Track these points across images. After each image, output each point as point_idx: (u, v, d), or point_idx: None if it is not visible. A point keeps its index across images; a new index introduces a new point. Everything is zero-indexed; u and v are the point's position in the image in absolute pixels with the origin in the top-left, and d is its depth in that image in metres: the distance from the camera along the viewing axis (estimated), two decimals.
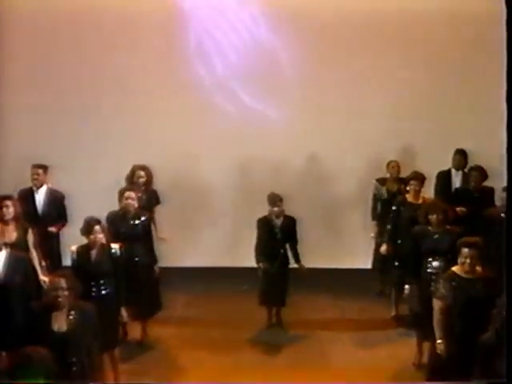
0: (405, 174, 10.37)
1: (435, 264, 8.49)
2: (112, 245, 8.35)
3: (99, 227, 8.25)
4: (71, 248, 8.37)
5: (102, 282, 8.13)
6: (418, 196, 9.80)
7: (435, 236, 8.61)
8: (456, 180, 10.89)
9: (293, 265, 9.93)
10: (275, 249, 9.81)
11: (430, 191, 10.52)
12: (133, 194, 9.29)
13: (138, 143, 11.12)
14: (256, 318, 9.98)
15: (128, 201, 9.21)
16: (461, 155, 10.82)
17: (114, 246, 8.33)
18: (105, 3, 11.02)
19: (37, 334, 6.26)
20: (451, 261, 7.80)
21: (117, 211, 9.26)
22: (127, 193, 9.31)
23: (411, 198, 9.82)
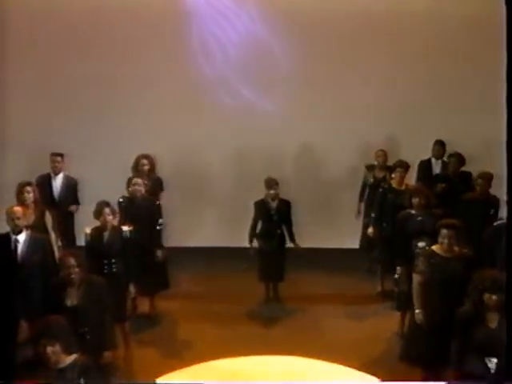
0: (391, 162, 10.38)
1: (420, 245, 8.46)
2: (122, 227, 8.44)
3: (109, 209, 8.35)
4: (85, 230, 8.45)
5: (113, 261, 8.22)
6: (402, 182, 9.82)
7: (419, 218, 8.65)
8: (436, 168, 10.93)
9: (289, 244, 9.95)
10: (272, 229, 9.84)
11: (413, 179, 10.55)
12: (140, 181, 9.33)
13: (144, 134, 11.08)
14: (254, 294, 10.05)
15: (136, 187, 9.26)
16: (440, 145, 10.87)
17: (125, 228, 8.42)
18: (117, 5, 11.05)
19: (53, 307, 6.38)
20: (435, 241, 7.77)
21: (126, 197, 9.29)
22: (135, 179, 9.38)
23: (396, 184, 9.82)
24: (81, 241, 9.07)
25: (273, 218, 9.84)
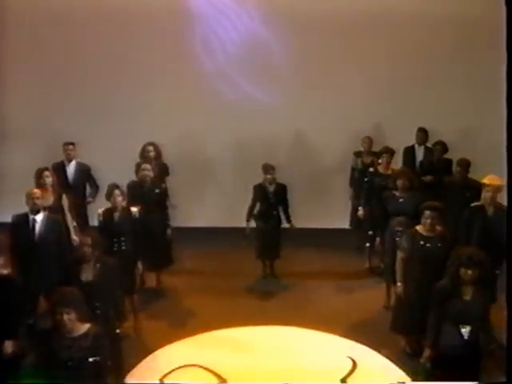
0: (378, 149, 10.37)
1: (399, 223, 8.57)
2: (132, 208, 8.46)
3: (118, 191, 8.39)
4: (98, 211, 8.53)
5: (123, 239, 8.26)
6: (388, 167, 9.83)
7: (400, 200, 8.71)
8: (419, 153, 10.90)
9: (284, 225, 9.98)
10: (269, 211, 9.85)
11: (398, 164, 10.50)
12: (148, 166, 9.37)
13: (151, 123, 11.04)
14: (252, 270, 10.09)
15: (144, 172, 9.29)
16: (423, 133, 10.86)
17: (134, 209, 8.45)
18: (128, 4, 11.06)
19: (69, 282, 6.37)
20: (414, 220, 7.88)
21: (135, 181, 9.33)
22: (144, 165, 9.40)
23: (382, 169, 9.85)
24: (93, 221, 9.15)
25: (270, 201, 9.83)
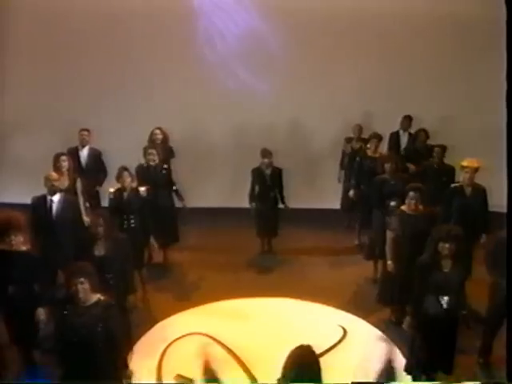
0: (366, 135, 10.40)
1: (392, 203, 8.56)
2: (140, 188, 8.56)
3: (127, 173, 8.49)
4: (109, 190, 8.61)
5: (132, 217, 8.36)
6: (376, 151, 9.88)
7: (392, 182, 8.74)
8: (403, 138, 10.91)
9: (281, 205, 10.00)
10: (266, 192, 9.88)
11: (385, 149, 10.52)
12: (154, 151, 9.41)
13: (158, 111, 11.02)
14: (252, 246, 10.19)
15: (150, 156, 9.34)
16: (407, 120, 10.86)
17: (141, 189, 8.54)
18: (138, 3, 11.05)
19: (83, 257, 6.44)
20: (404, 201, 7.90)
21: (142, 164, 9.38)
22: (150, 150, 9.46)
23: (371, 153, 9.88)
24: (104, 202, 9.22)
25: (267, 183, 9.87)
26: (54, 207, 7.97)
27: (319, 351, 5.24)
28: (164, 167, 9.55)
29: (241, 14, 11.25)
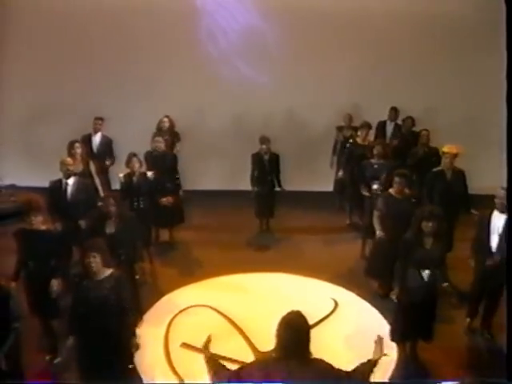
0: (357, 124, 10.43)
1: (375, 186, 8.77)
2: (148, 172, 8.64)
3: (136, 158, 8.56)
4: (119, 175, 8.65)
5: (141, 199, 8.40)
6: (366, 139, 9.91)
7: (375, 166, 8.84)
8: (389, 128, 10.93)
9: (277, 188, 10.04)
10: (264, 176, 9.90)
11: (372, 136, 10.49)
12: (160, 139, 9.45)
13: (165, 100, 10.98)
14: (251, 226, 10.20)
15: (156, 143, 9.36)
16: (394, 111, 10.86)
17: (149, 173, 8.61)
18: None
19: (96, 234, 6.50)
20: (387, 184, 8.08)
21: (150, 151, 9.37)
22: (156, 138, 9.49)
23: (360, 141, 9.92)
24: (115, 185, 9.33)
25: (265, 168, 9.88)
26: (69, 189, 8.04)
27: (313, 322, 5.30)
28: (169, 153, 9.59)
29: (242, 13, 11.22)
